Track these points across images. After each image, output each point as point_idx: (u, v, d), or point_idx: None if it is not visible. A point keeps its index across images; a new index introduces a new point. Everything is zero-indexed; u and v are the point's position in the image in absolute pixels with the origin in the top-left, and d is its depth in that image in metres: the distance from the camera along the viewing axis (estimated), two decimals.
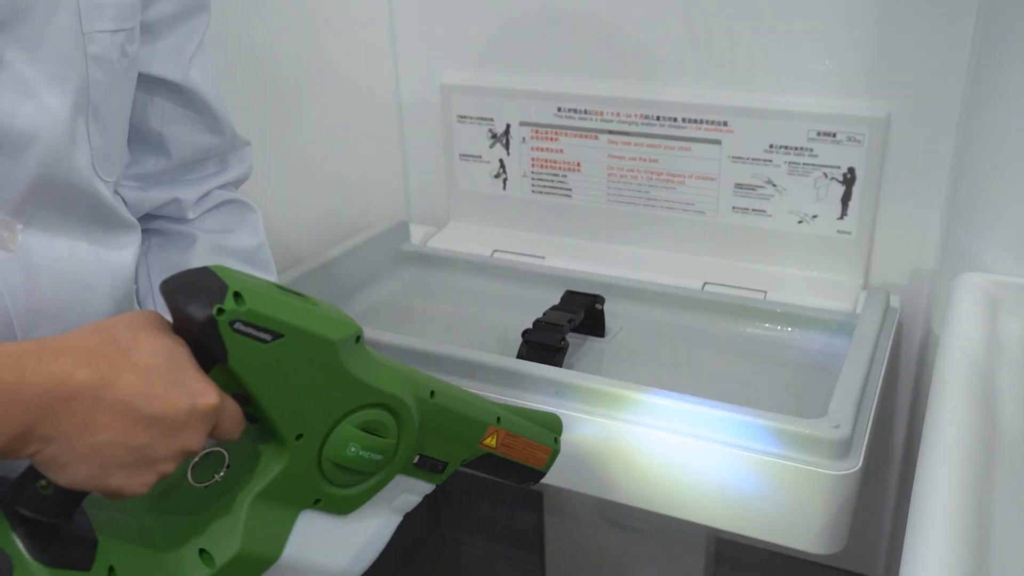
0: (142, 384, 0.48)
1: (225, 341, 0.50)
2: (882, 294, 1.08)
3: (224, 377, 0.52)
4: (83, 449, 0.46)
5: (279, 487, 0.56)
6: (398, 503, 0.65)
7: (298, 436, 0.55)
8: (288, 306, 0.53)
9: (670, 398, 0.87)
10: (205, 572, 0.53)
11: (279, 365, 0.52)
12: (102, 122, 0.61)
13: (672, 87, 1.17)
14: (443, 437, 0.64)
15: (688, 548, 1.38)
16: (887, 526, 1.30)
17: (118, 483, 0.48)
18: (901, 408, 1.21)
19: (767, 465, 0.84)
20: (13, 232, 0.55)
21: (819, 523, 0.84)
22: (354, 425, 0.57)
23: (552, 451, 0.74)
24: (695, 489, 0.89)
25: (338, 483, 0.58)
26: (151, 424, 0.48)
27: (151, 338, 0.50)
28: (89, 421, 0.46)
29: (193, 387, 0.50)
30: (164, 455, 0.49)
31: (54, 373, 0.45)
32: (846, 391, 0.88)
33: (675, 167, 1.19)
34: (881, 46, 1.04)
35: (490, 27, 1.25)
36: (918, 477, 0.64)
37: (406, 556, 1.68)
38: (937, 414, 0.71)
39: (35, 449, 0.46)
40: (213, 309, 0.49)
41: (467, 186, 1.34)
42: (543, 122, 1.25)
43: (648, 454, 0.89)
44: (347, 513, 0.60)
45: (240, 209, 0.79)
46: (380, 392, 0.58)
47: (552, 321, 1.04)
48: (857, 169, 1.09)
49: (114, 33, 0.60)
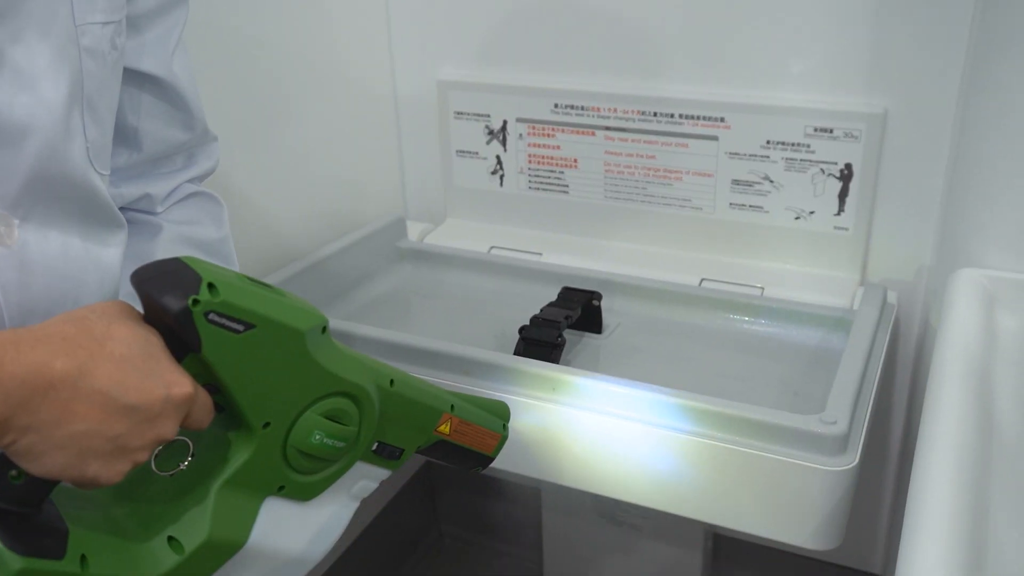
0: (118, 374, 0.48)
1: (199, 331, 0.51)
2: (879, 290, 1.08)
3: (196, 367, 0.53)
4: (60, 438, 0.47)
5: (246, 474, 0.57)
6: (356, 489, 0.66)
7: (265, 424, 0.56)
8: (259, 297, 0.54)
9: (667, 394, 0.87)
10: (175, 559, 0.53)
11: (250, 355, 0.54)
12: (96, 114, 0.61)
13: (669, 83, 1.17)
14: (400, 425, 0.66)
15: (685, 544, 1.38)
16: (884, 521, 1.30)
17: (93, 472, 0.49)
18: (898, 404, 1.21)
19: (764, 461, 0.84)
20: (10, 227, 0.55)
21: (816, 519, 0.85)
22: (319, 413, 0.59)
23: (501, 437, 0.76)
24: (692, 485, 0.89)
25: (302, 470, 0.60)
26: (127, 413, 0.49)
27: (125, 328, 0.50)
28: (67, 410, 0.46)
29: (167, 377, 0.51)
30: (139, 444, 0.50)
31: (33, 363, 0.45)
32: (843, 387, 0.88)
33: (672, 163, 1.19)
34: (878, 42, 1.04)
35: (487, 23, 1.25)
36: (915, 472, 0.64)
37: (404, 553, 1.68)
38: (934, 410, 0.71)
39: (12, 439, 0.46)
40: (188, 300, 0.50)
41: (464, 182, 1.34)
42: (540, 118, 1.25)
43: (645, 450, 0.89)
44: (309, 499, 0.62)
45: (206, 202, 0.79)
46: (344, 381, 0.59)
47: (549, 317, 1.04)
48: (854, 165, 1.09)
49: (104, 25, 0.60)
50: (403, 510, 1.64)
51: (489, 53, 1.27)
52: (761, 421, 0.84)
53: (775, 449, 0.83)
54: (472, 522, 1.73)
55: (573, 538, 1.48)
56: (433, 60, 1.30)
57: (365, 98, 1.32)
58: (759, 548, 1.43)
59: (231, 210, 0.83)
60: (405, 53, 1.32)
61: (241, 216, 1.12)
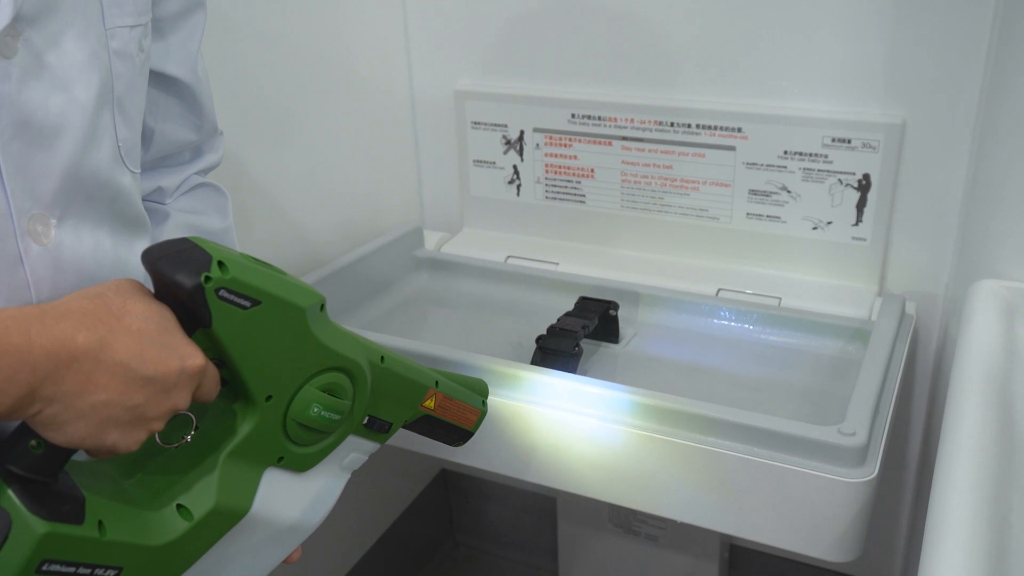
0: (136, 347, 0.51)
1: (210, 307, 0.54)
2: (898, 300, 1.07)
3: (204, 341, 0.56)
4: (83, 408, 0.49)
5: (249, 445, 0.60)
6: (348, 461, 0.69)
7: (268, 397, 0.59)
8: (264, 275, 0.57)
9: (684, 404, 0.87)
10: (184, 525, 0.56)
11: (255, 330, 0.57)
12: (126, 114, 0.62)
13: (686, 93, 1.17)
14: (389, 399, 0.69)
15: (702, 555, 1.38)
16: (903, 534, 1.29)
17: (113, 441, 0.51)
18: (917, 415, 1.20)
19: (782, 472, 0.83)
20: (47, 226, 0.57)
21: (834, 531, 0.84)
22: (317, 387, 0.62)
23: (480, 413, 0.81)
24: (709, 495, 0.89)
25: (300, 442, 0.63)
26: (145, 384, 0.51)
27: (140, 304, 0.53)
28: (89, 382, 0.49)
29: (181, 350, 0.53)
30: (156, 414, 0.53)
31: (57, 336, 0.47)
32: (862, 398, 0.87)
33: (689, 173, 1.19)
34: (896, 52, 1.04)
35: (504, 33, 1.25)
36: (935, 485, 0.64)
37: (419, 561, 1.69)
38: (954, 421, 0.70)
39: (38, 409, 0.48)
40: (201, 277, 0.53)
41: (481, 192, 1.35)
42: (557, 128, 1.25)
43: (662, 460, 0.89)
44: (305, 470, 0.65)
45: (212, 193, 0.82)
46: (340, 356, 0.62)
47: (566, 327, 1.04)
48: (872, 175, 1.09)
49: (132, 28, 0.62)
50: (419, 519, 1.64)
51: (506, 63, 1.27)
52: (779, 432, 0.83)
53: (793, 460, 0.83)
54: (487, 531, 1.73)
55: (588, 548, 1.48)
56: (450, 70, 1.31)
57: (383, 108, 1.33)
58: (776, 559, 1.42)
59: (251, 220, 0.84)
60: (423, 63, 1.33)
61: (260, 225, 1.13)
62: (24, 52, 0.53)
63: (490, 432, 0.97)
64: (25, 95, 0.54)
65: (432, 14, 1.30)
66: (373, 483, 1.48)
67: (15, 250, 0.55)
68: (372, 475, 1.46)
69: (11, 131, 0.53)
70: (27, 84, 0.54)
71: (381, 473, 1.50)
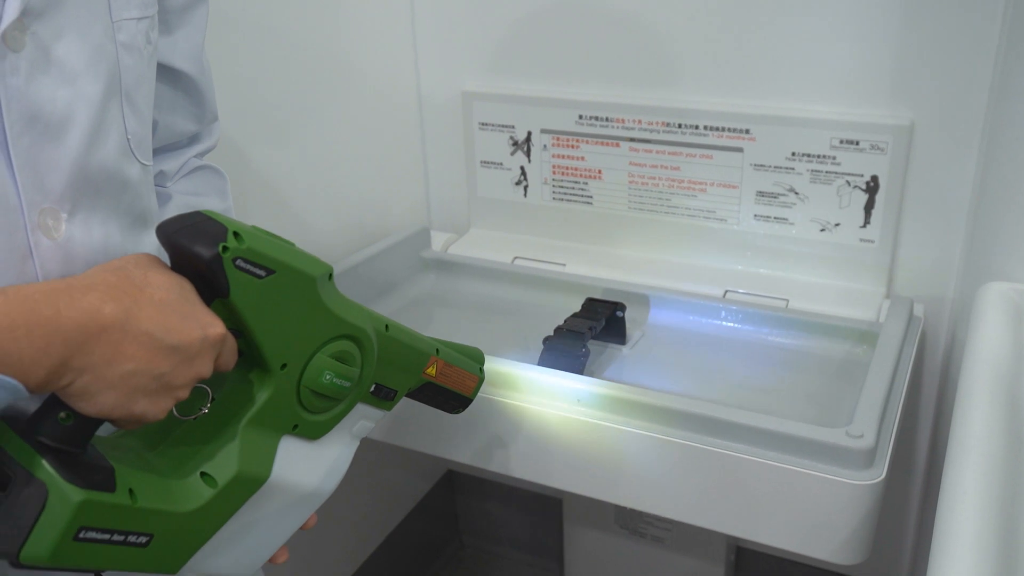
0: (160, 317, 0.52)
1: (228, 277, 0.55)
2: (906, 303, 1.07)
3: (222, 312, 0.57)
4: (112, 378, 0.50)
5: (266, 414, 0.61)
6: (356, 429, 0.71)
7: (283, 365, 0.61)
8: (276, 245, 0.59)
9: (691, 406, 0.87)
10: (209, 492, 0.58)
11: (270, 299, 0.58)
12: (135, 107, 0.62)
13: (694, 95, 1.17)
14: (394, 367, 0.71)
15: (708, 557, 1.38)
16: (910, 537, 1.29)
17: (141, 409, 0.52)
18: (924, 418, 1.20)
19: (789, 474, 0.83)
20: (57, 220, 0.57)
21: (842, 533, 0.84)
22: (328, 355, 0.63)
23: (478, 380, 0.82)
24: (716, 497, 0.89)
25: (313, 409, 0.64)
26: (171, 353, 0.52)
27: (160, 275, 0.54)
28: (117, 352, 0.50)
29: (203, 319, 0.54)
30: (182, 382, 0.54)
31: (86, 308, 0.48)
32: (870, 400, 0.87)
33: (697, 175, 1.19)
34: (904, 54, 1.04)
35: (511, 35, 1.26)
36: (944, 488, 0.64)
37: (425, 562, 1.69)
38: (963, 424, 0.70)
39: (69, 380, 0.49)
40: (219, 247, 0.55)
41: (488, 193, 1.35)
42: (564, 129, 1.25)
43: (669, 462, 0.89)
44: (318, 438, 0.66)
45: (211, 175, 0.82)
46: (349, 324, 0.64)
47: (573, 328, 1.04)
48: (880, 177, 1.09)
49: (139, 20, 0.62)
50: (425, 519, 1.65)
51: (514, 65, 1.27)
52: (786, 434, 0.83)
53: (800, 462, 0.83)
54: (493, 532, 1.73)
55: (594, 549, 1.47)
56: (458, 72, 1.31)
57: (391, 109, 1.33)
58: (782, 562, 1.42)
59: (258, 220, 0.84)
60: (430, 65, 1.33)
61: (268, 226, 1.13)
62: (32, 46, 0.53)
63: (497, 433, 0.97)
64: (33, 89, 0.54)
65: (440, 16, 1.30)
66: (379, 483, 1.48)
67: (25, 244, 0.55)
68: (378, 475, 1.47)
69: (21, 125, 0.53)
70: (35, 78, 0.54)
71: (387, 473, 1.51)
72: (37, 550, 0.49)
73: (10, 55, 0.52)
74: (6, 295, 0.46)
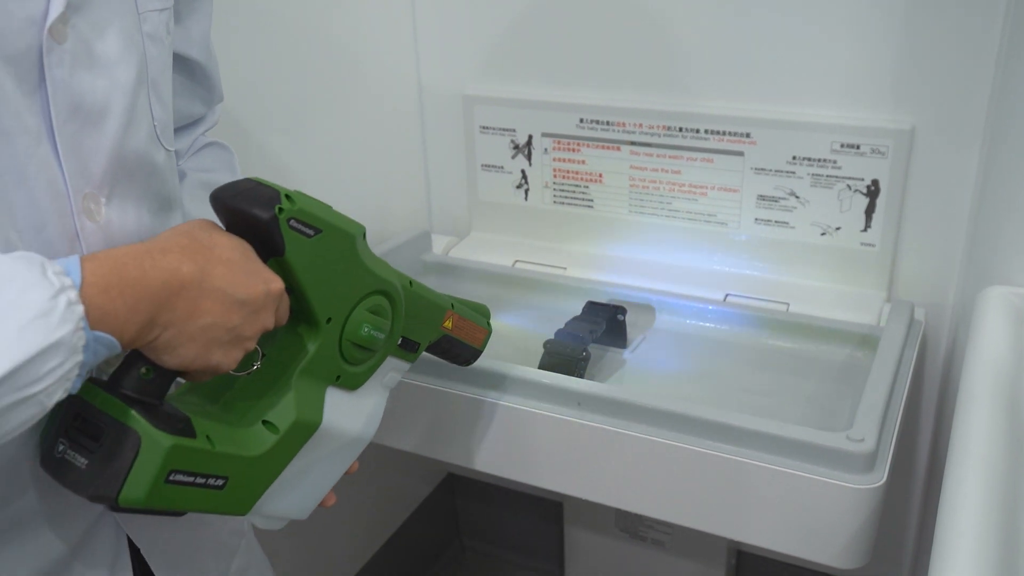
0: (229, 274, 0.56)
1: (284, 236, 0.60)
2: (906, 307, 1.07)
3: (275, 270, 0.61)
4: (192, 331, 0.55)
5: (314, 365, 0.66)
6: (387, 380, 0.76)
7: (328, 319, 0.66)
8: (321, 206, 0.64)
9: (692, 410, 0.87)
10: (273, 438, 0.63)
11: (318, 256, 0.63)
12: (160, 95, 0.65)
13: (695, 98, 1.17)
14: (417, 320, 0.76)
15: (708, 560, 1.38)
16: (911, 541, 1.29)
17: (217, 360, 0.57)
18: (926, 422, 1.20)
19: (790, 478, 0.83)
20: (98, 204, 0.60)
21: (842, 537, 0.84)
22: (366, 308, 0.68)
23: (487, 332, 0.88)
24: (716, 501, 0.88)
25: (352, 361, 0.69)
26: (240, 307, 0.57)
27: (223, 237, 0.58)
28: (196, 307, 0.54)
29: (264, 275, 0.59)
30: (250, 333, 0.59)
31: (167, 268, 0.53)
32: (870, 404, 0.87)
33: (697, 179, 1.19)
34: (905, 58, 1.04)
35: (513, 38, 1.26)
36: (945, 492, 0.64)
37: (425, 565, 1.69)
38: (964, 428, 0.70)
39: (156, 335, 0.53)
40: (275, 209, 0.59)
41: (489, 196, 1.35)
42: (565, 133, 1.25)
43: (669, 465, 0.89)
44: (356, 388, 0.71)
45: (220, 151, 0.86)
46: (383, 280, 0.69)
47: (574, 332, 1.04)
48: (881, 181, 1.09)
49: (161, 12, 0.65)
50: (425, 522, 1.64)
51: (515, 68, 1.27)
52: (787, 438, 0.83)
53: (801, 466, 0.83)
54: (494, 535, 1.73)
55: (595, 553, 1.47)
56: (459, 75, 1.31)
57: (392, 112, 1.34)
58: (783, 566, 1.41)
59: None
60: (432, 68, 1.33)
61: None
62: (73, 39, 0.56)
63: (497, 436, 0.97)
64: (76, 79, 0.56)
65: (441, 19, 1.30)
66: (380, 486, 1.48)
67: (73, 228, 0.58)
68: (379, 478, 1.47)
69: (65, 114, 0.56)
70: (77, 69, 0.56)
71: (388, 476, 1.51)
72: (134, 492, 0.54)
73: (56, 48, 0.55)
74: (97, 260, 0.50)
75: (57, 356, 0.47)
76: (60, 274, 0.48)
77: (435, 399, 0.99)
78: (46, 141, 0.55)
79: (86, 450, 0.54)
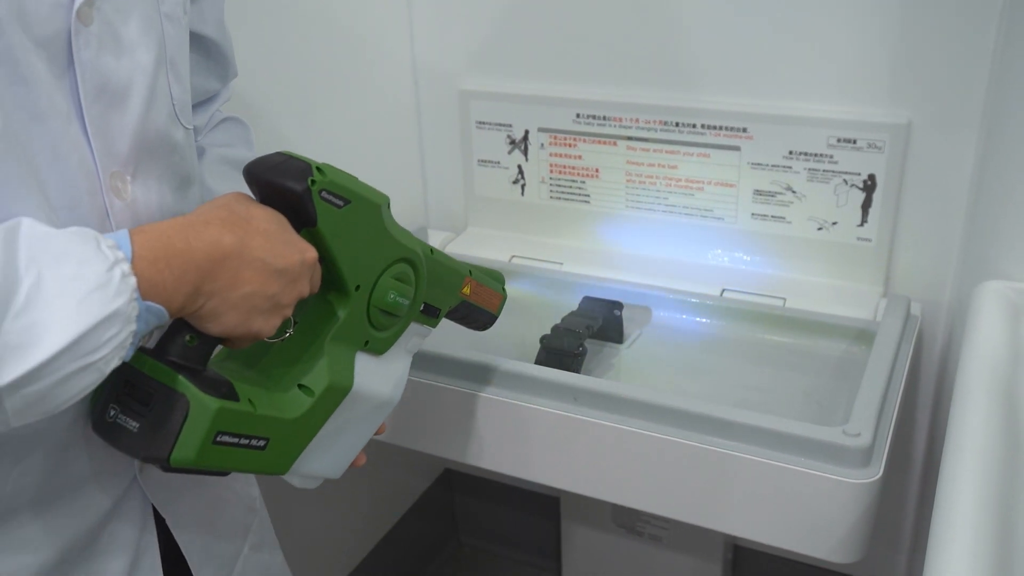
0: (267, 244, 0.59)
1: (316, 207, 0.62)
2: (903, 301, 1.07)
3: (308, 239, 0.63)
4: (235, 300, 0.57)
5: (344, 331, 0.69)
6: (410, 345, 0.78)
7: (357, 287, 0.68)
8: (349, 177, 0.66)
9: (688, 405, 0.87)
10: (308, 401, 0.66)
11: (348, 226, 0.65)
12: (178, 74, 0.67)
13: (692, 93, 1.17)
14: (438, 287, 0.79)
15: (705, 555, 1.38)
16: (907, 536, 1.29)
17: (258, 327, 0.59)
18: (922, 416, 1.20)
19: (786, 472, 0.83)
20: (124, 183, 0.61)
21: (838, 532, 0.84)
22: (391, 276, 0.71)
23: (502, 298, 0.91)
24: (713, 496, 0.89)
25: (379, 327, 0.72)
26: (279, 275, 0.59)
27: (259, 209, 0.61)
28: (238, 277, 0.57)
29: (299, 245, 0.61)
30: (288, 301, 0.61)
31: (209, 239, 0.55)
32: (867, 399, 0.87)
33: (694, 173, 1.19)
34: (902, 53, 1.04)
35: (509, 33, 1.26)
36: (941, 486, 0.64)
37: (423, 561, 1.69)
38: (960, 423, 0.70)
39: (201, 304, 0.56)
40: (308, 181, 0.62)
41: (485, 192, 1.35)
42: (562, 128, 1.25)
43: (666, 460, 0.89)
44: (382, 353, 0.74)
45: (236, 126, 0.88)
46: (407, 248, 0.72)
47: (570, 327, 1.04)
48: (877, 176, 1.09)
49: None
50: (422, 518, 1.65)
51: (511, 63, 1.27)
52: (783, 432, 0.83)
53: (797, 461, 0.83)
54: (491, 531, 1.73)
55: (592, 548, 1.48)
56: (455, 70, 1.31)
57: (388, 108, 1.33)
58: (779, 560, 1.42)
59: None
60: (427, 63, 1.33)
61: None
62: (98, 21, 0.57)
63: (494, 431, 0.97)
64: (102, 60, 0.58)
65: (437, 14, 1.29)
66: (377, 482, 1.48)
67: (103, 206, 0.59)
68: (376, 474, 1.47)
69: (93, 94, 0.57)
70: (102, 50, 0.58)
71: (385, 472, 1.51)
72: (185, 453, 0.57)
73: (83, 30, 0.56)
74: (145, 233, 0.53)
75: (114, 326, 0.49)
76: (113, 247, 0.50)
77: (432, 394, 0.99)
78: (76, 121, 0.57)
79: (137, 414, 0.57)
